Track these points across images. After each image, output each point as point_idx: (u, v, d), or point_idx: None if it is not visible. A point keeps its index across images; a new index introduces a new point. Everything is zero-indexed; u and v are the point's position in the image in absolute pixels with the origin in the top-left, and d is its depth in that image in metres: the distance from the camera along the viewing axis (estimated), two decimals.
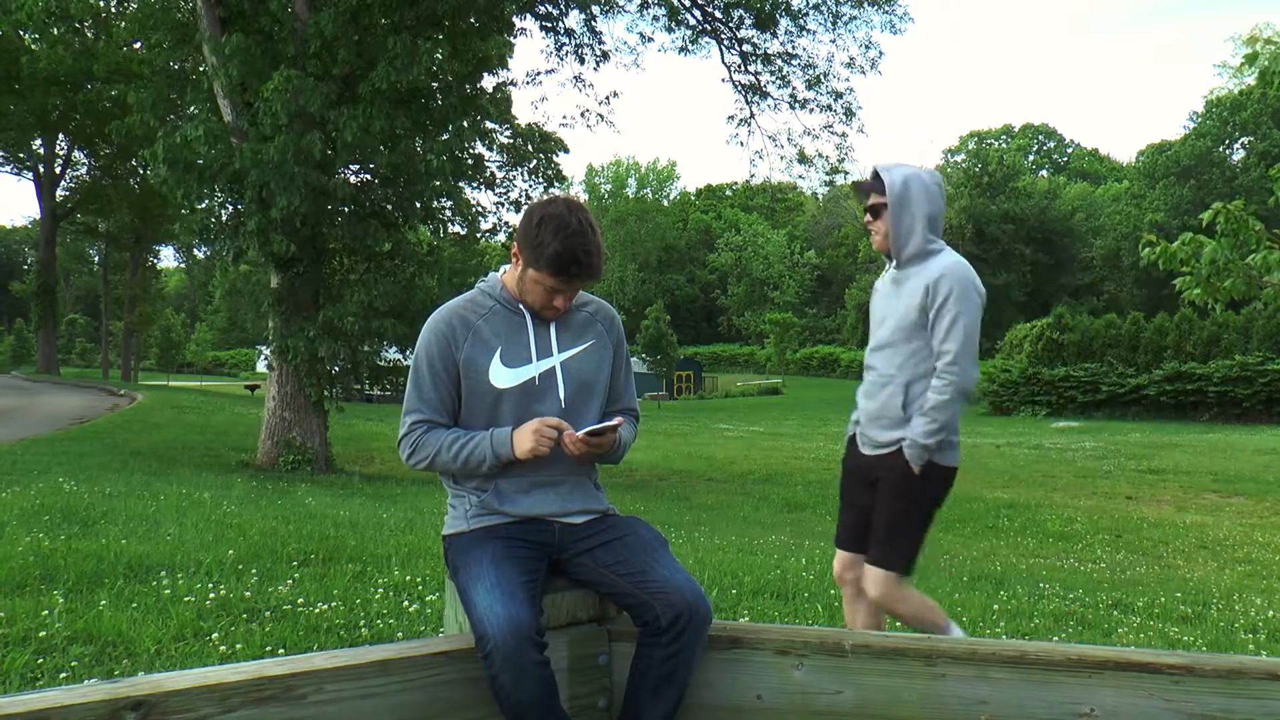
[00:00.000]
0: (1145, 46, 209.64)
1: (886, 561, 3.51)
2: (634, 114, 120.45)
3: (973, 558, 9.45)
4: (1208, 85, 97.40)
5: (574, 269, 2.51)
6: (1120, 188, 73.35)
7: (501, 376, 2.63)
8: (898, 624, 3.93)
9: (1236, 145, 61.06)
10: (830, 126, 21.36)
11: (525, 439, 2.52)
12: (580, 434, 2.56)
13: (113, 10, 23.34)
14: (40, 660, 3.69)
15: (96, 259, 67.63)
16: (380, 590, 5.06)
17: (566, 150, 26.53)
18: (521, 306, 2.67)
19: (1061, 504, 14.18)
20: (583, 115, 21.07)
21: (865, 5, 20.27)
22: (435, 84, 14.45)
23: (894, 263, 3.62)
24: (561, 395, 2.66)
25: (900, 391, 3.49)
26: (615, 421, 2.60)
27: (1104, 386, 37.97)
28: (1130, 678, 2.24)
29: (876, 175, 3.62)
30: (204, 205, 14.29)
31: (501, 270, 2.75)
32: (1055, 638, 5.21)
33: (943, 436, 3.42)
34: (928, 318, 3.44)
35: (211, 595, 4.68)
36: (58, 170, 45.17)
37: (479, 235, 23.72)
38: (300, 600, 4.73)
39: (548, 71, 20.45)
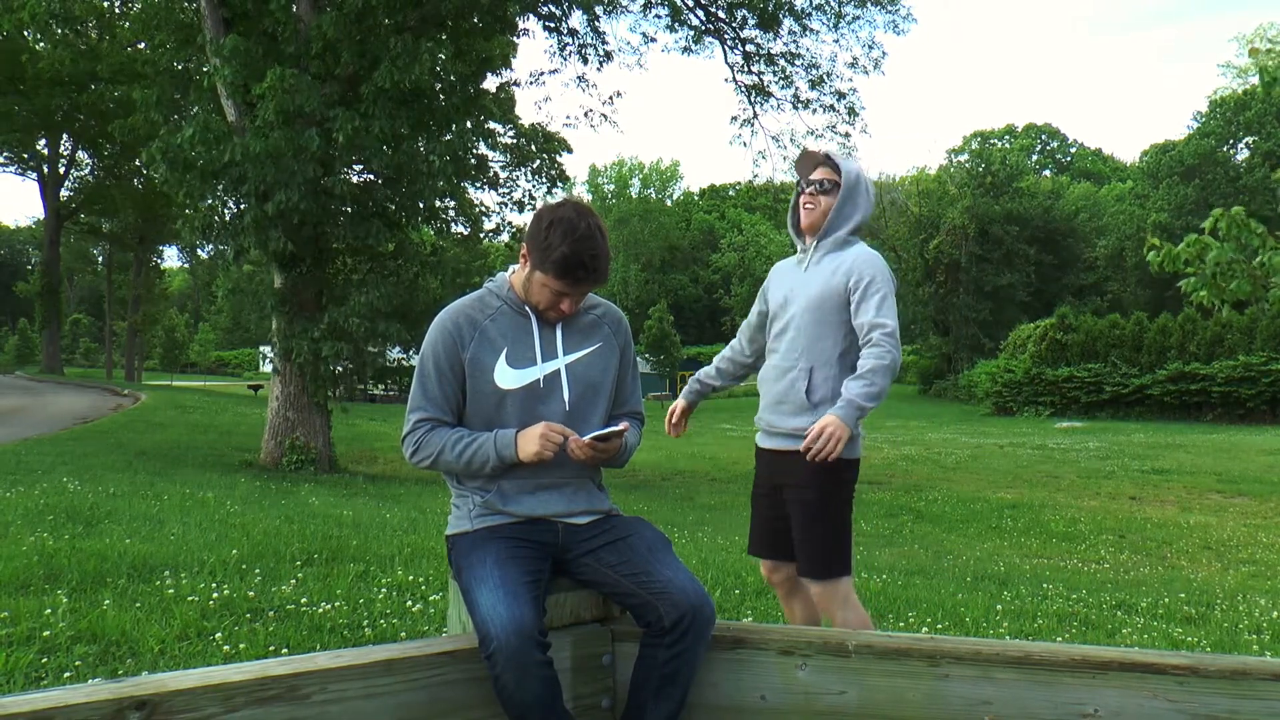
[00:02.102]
0: (1149, 46, 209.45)
1: (827, 573, 3.37)
2: (637, 114, 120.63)
3: (976, 558, 9.45)
4: (1211, 85, 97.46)
5: (580, 273, 2.52)
6: (1124, 188, 73.22)
7: (507, 377, 2.63)
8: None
9: (1240, 145, 60.90)
10: (834, 127, 21.38)
11: (530, 443, 2.52)
12: (586, 439, 2.56)
13: (116, 11, 23.32)
14: (44, 660, 3.70)
15: (100, 259, 67.59)
16: (384, 590, 5.06)
17: (570, 150, 26.54)
18: (528, 308, 2.67)
19: (1065, 504, 14.17)
20: (586, 115, 21.11)
21: (868, 5, 20.28)
22: (438, 84, 14.46)
23: (808, 246, 3.56)
24: (566, 398, 2.66)
25: (804, 378, 3.39)
26: (621, 427, 2.61)
27: (1108, 387, 37.91)
28: (1134, 678, 2.24)
29: (832, 157, 3.59)
30: (207, 204, 14.30)
31: (510, 270, 2.75)
32: (1059, 638, 5.20)
33: (877, 404, 3.27)
34: (846, 300, 3.38)
35: (215, 595, 4.69)
36: (62, 170, 45.22)
37: (482, 235, 23.77)
38: (304, 600, 4.73)
39: (551, 71, 20.48)
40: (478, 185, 22.77)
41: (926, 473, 18.59)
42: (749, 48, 20.95)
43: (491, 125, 23.65)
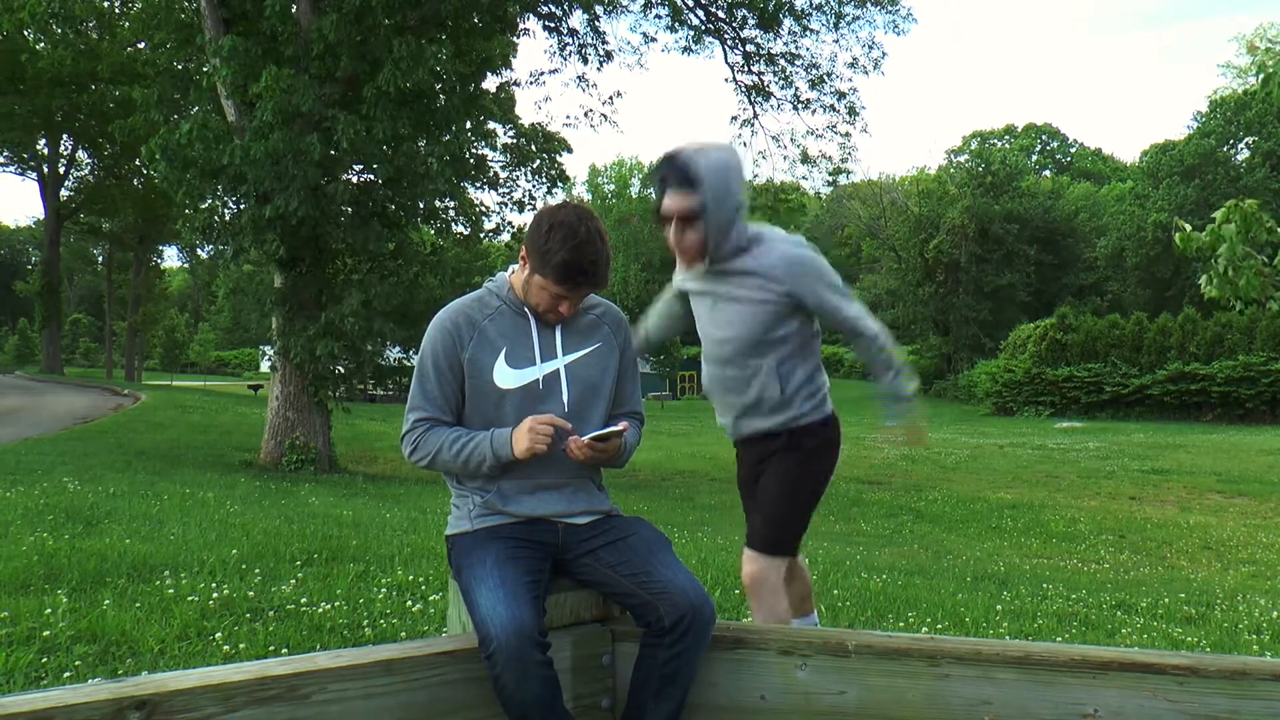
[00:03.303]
0: (1149, 46, 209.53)
1: (775, 546, 3.21)
2: (637, 114, 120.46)
3: (976, 558, 9.45)
4: (1212, 85, 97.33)
5: (580, 278, 2.52)
6: (1124, 188, 73.17)
7: (506, 377, 2.63)
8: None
9: (1241, 145, 60.92)
10: (834, 127, 21.39)
11: (522, 438, 2.52)
12: (586, 439, 2.56)
13: (116, 10, 23.33)
14: (44, 660, 3.70)
15: (100, 259, 67.60)
16: (383, 590, 5.06)
17: (570, 150, 26.53)
18: (526, 310, 2.67)
19: (1065, 504, 14.17)
20: (586, 115, 21.09)
21: (868, 6, 20.28)
22: (438, 85, 14.46)
23: (704, 269, 3.22)
24: (565, 398, 2.66)
25: (773, 378, 3.18)
26: (620, 427, 2.61)
27: (1107, 387, 37.93)
28: (1134, 678, 2.24)
29: (677, 168, 3.08)
30: (206, 204, 14.31)
31: (510, 270, 2.74)
32: (1059, 638, 5.20)
33: (905, 369, 3.20)
34: (785, 311, 3.15)
35: (215, 595, 4.68)
36: (62, 170, 45.23)
37: (482, 235, 23.77)
38: (303, 600, 4.73)
39: (551, 71, 20.49)
40: (478, 185, 22.79)
41: (926, 473, 18.59)
42: (749, 48, 20.95)
43: (491, 125, 23.66)
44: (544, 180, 26.23)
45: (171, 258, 74.16)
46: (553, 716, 2.27)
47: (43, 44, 25.74)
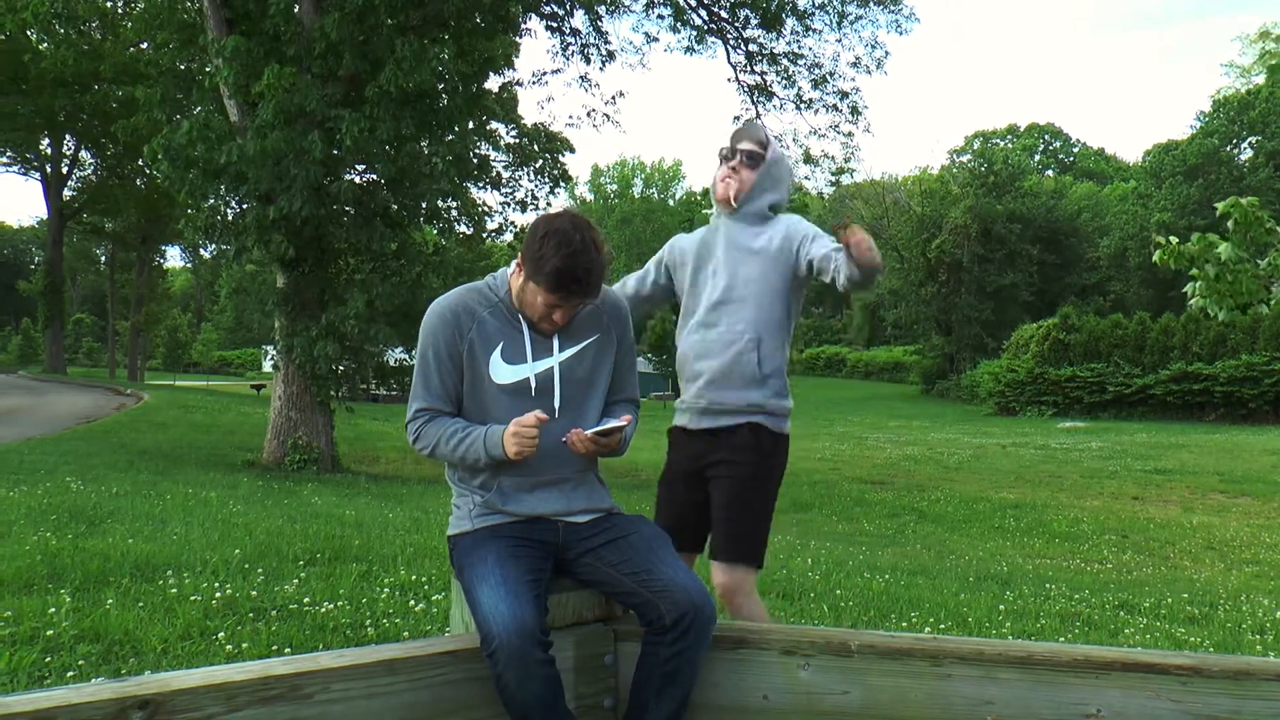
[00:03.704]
0: (1151, 46, 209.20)
1: (744, 556, 3.23)
2: (640, 114, 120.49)
3: (979, 558, 9.45)
4: (1215, 85, 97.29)
5: (573, 285, 2.50)
6: (1127, 187, 73.09)
7: (501, 372, 2.63)
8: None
9: (1244, 145, 60.83)
10: (836, 126, 21.39)
11: (509, 444, 2.51)
12: (589, 433, 2.56)
13: (119, 11, 23.36)
14: (48, 659, 3.70)
15: (103, 259, 67.62)
16: (386, 590, 5.07)
17: (572, 150, 26.52)
18: (520, 317, 2.66)
19: (1068, 504, 14.17)
20: (589, 115, 21.12)
21: (871, 5, 20.28)
22: (441, 85, 14.46)
23: (726, 215, 3.43)
24: (556, 398, 2.65)
25: (753, 348, 3.24)
26: (623, 420, 2.60)
27: (1110, 387, 37.90)
28: (1137, 678, 2.23)
29: (755, 128, 3.55)
30: (209, 204, 14.33)
31: (511, 267, 2.74)
32: (1061, 638, 5.20)
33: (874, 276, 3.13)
34: (794, 261, 3.28)
35: (218, 594, 4.69)
36: (65, 170, 45.27)
37: (485, 235, 23.78)
38: (306, 599, 4.73)
39: (553, 71, 20.52)
40: (480, 185, 22.78)
41: (929, 473, 18.59)
42: (752, 47, 20.95)
43: (494, 125, 23.68)
44: (546, 180, 26.23)
45: (174, 257, 74.33)
46: (555, 716, 2.27)
47: (46, 44, 25.74)
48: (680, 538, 3.27)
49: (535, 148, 25.98)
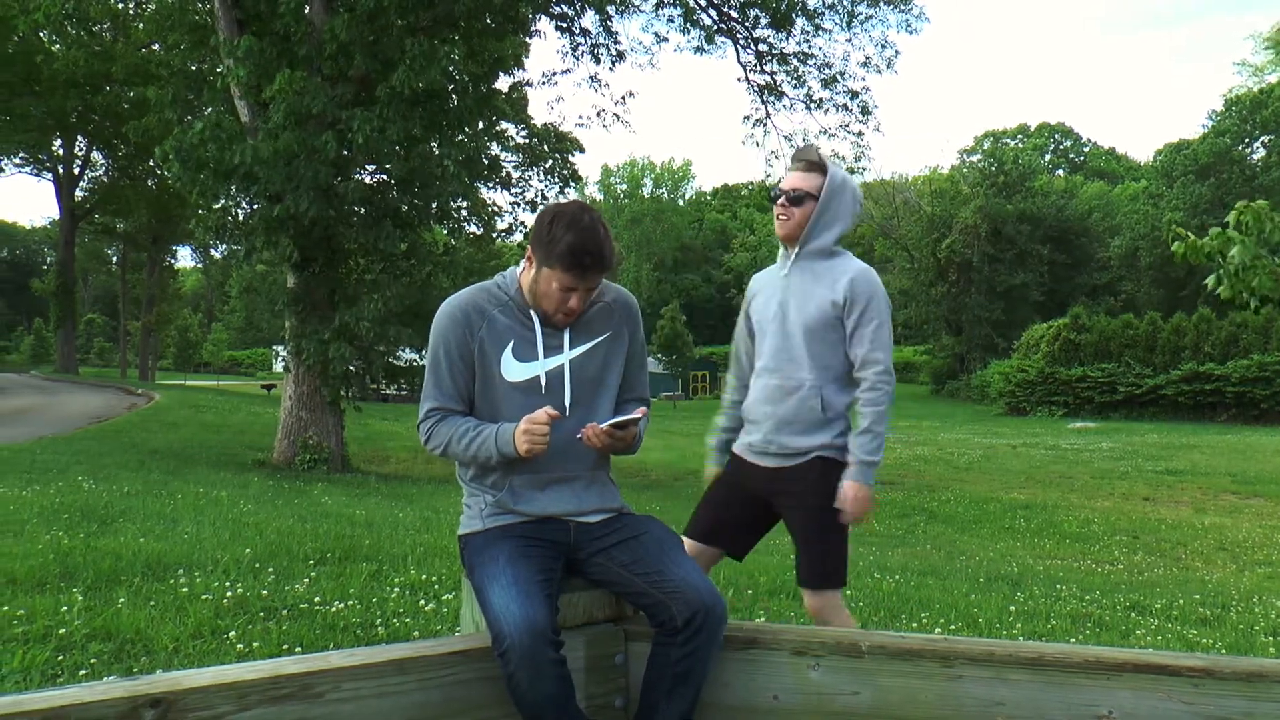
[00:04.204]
0: (1162, 45, 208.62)
1: (828, 581, 3.32)
2: (650, 114, 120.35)
3: (989, 559, 9.43)
4: (1227, 83, 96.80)
5: (587, 259, 2.50)
6: (1137, 187, 72.86)
7: (512, 370, 2.63)
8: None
9: (1257, 144, 60.57)
10: (847, 126, 21.35)
11: (520, 441, 2.51)
12: (604, 426, 2.56)
13: (130, 12, 23.45)
14: (60, 657, 3.72)
15: (114, 259, 67.92)
16: (396, 589, 5.08)
17: (582, 150, 26.50)
18: (532, 314, 2.67)
19: (1078, 505, 14.12)
20: (598, 115, 21.11)
21: (881, 4, 20.24)
22: (451, 85, 14.48)
23: (792, 256, 3.40)
24: (567, 395, 2.65)
25: (815, 395, 3.28)
26: (638, 414, 2.60)
27: (1121, 387, 37.80)
28: (1148, 680, 2.23)
29: (809, 154, 3.44)
30: (219, 204, 14.38)
31: (520, 266, 2.74)
32: (1072, 639, 5.19)
33: (883, 451, 3.29)
34: (842, 320, 3.29)
35: (229, 594, 4.70)
36: (76, 171, 45.49)
37: (495, 235, 23.77)
38: (317, 599, 4.74)
39: (563, 72, 20.50)
40: (490, 185, 22.81)
41: (939, 473, 18.55)
42: (761, 47, 20.93)
43: (504, 125, 23.68)
44: (556, 180, 26.23)
45: (185, 258, 74.46)
46: (566, 716, 2.27)
47: (58, 45, 25.86)
48: (715, 539, 3.49)
49: (545, 148, 25.97)
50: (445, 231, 16.75)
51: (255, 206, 13.56)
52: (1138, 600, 6.66)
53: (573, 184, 27.14)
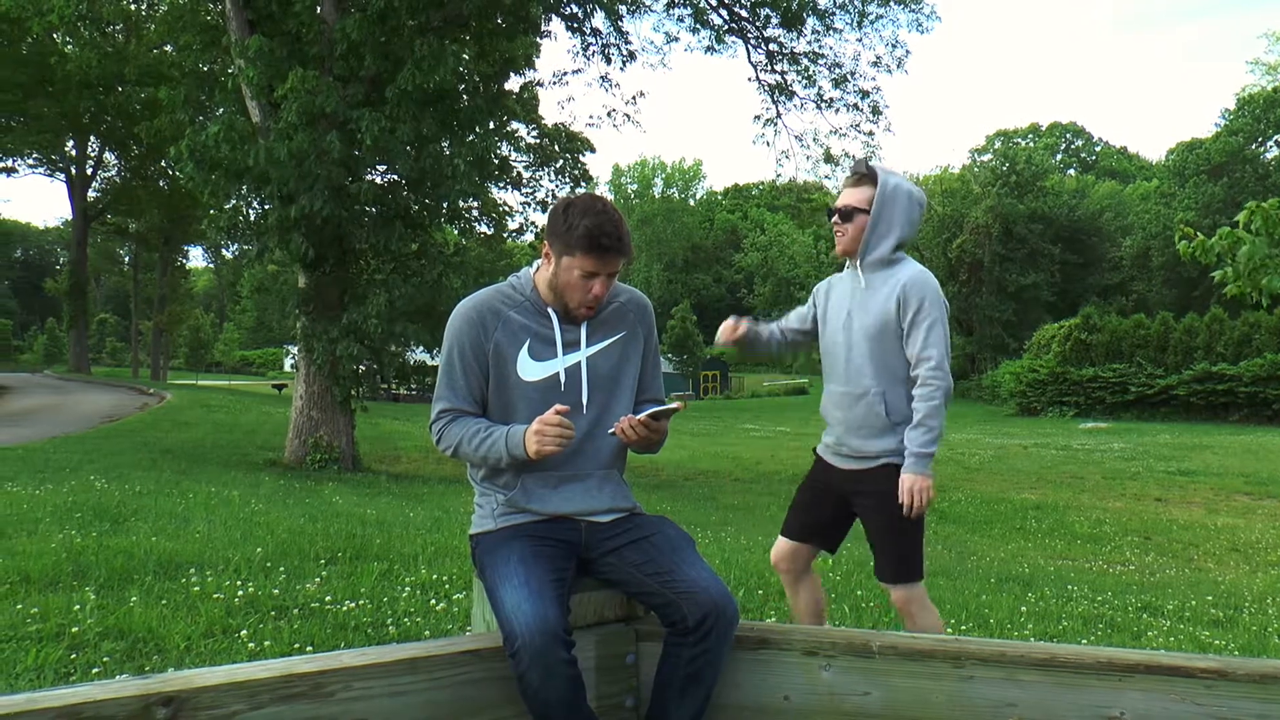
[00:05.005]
0: (1174, 44, 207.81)
1: (908, 576, 3.50)
2: (660, 113, 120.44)
3: (1000, 559, 9.40)
4: (1240, 82, 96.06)
5: (607, 241, 2.52)
6: (1149, 186, 72.57)
7: (529, 369, 2.64)
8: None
9: (1270, 143, 60.28)
10: (857, 125, 21.30)
11: (530, 441, 2.51)
12: (640, 417, 2.56)
13: (143, 13, 23.55)
14: (73, 656, 3.74)
15: (126, 259, 68.18)
16: (407, 589, 5.08)
17: (593, 150, 26.51)
18: (549, 309, 2.67)
19: (1090, 506, 14.08)
20: (609, 115, 21.14)
21: (892, 4, 20.19)
22: (462, 85, 14.49)
23: (857, 269, 3.55)
24: (585, 391, 2.66)
25: (879, 401, 3.43)
26: (676, 405, 2.61)
27: (1133, 387, 37.63)
28: (1161, 681, 2.22)
29: (862, 167, 3.56)
30: (231, 204, 14.43)
31: (534, 267, 2.75)
32: (1084, 640, 5.17)
33: (939, 443, 3.39)
34: (899, 324, 3.40)
35: (240, 592, 4.72)
36: (89, 172, 45.67)
37: (505, 235, 23.80)
38: (328, 598, 4.76)
39: (574, 71, 20.54)
40: (501, 185, 22.82)
41: (950, 473, 18.50)
42: (772, 47, 20.91)
43: (515, 125, 23.71)
44: (567, 180, 26.25)
45: (197, 258, 74.75)
46: (577, 715, 2.27)
47: (71, 46, 25.98)
48: (808, 538, 3.71)
49: (556, 148, 26.00)
50: (456, 232, 16.77)
51: (267, 207, 13.60)
52: (1150, 601, 6.64)
53: (583, 184, 27.15)
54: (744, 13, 20.61)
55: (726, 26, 20.84)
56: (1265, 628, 5.91)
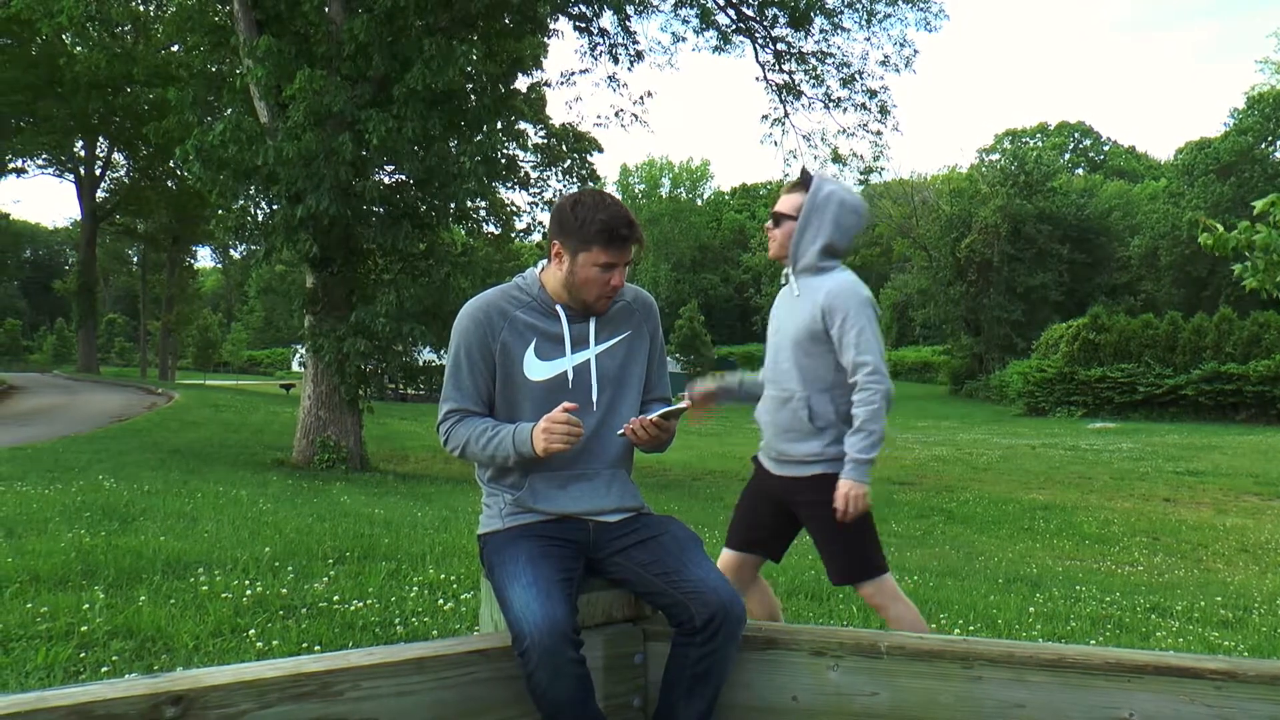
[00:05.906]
0: (1183, 44, 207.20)
1: (865, 574, 3.47)
2: (668, 113, 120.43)
3: (1008, 559, 9.38)
4: (1249, 81, 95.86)
5: (624, 231, 2.53)
6: (1158, 186, 72.27)
7: (536, 369, 2.63)
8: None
9: (1279, 142, 60.06)
10: (865, 125, 21.26)
11: (538, 439, 2.51)
12: (652, 417, 2.56)
13: (151, 14, 23.61)
14: (83, 654, 3.75)
15: (135, 259, 68.36)
16: (415, 588, 5.09)
17: (600, 150, 26.54)
18: (558, 308, 2.67)
19: (1098, 506, 14.04)
20: (617, 115, 21.10)
21: (900, 3, 20.15)
22: (469, 85, 14.50)
23: (790, 275, 3.58)
24: (594, 389, 2.66)
25: (803, 406, 3.43)
26: (684, 405, 2.61)
27: (1141, 387, 37.54)
28: (1170, 682, 2.21)
29: (800, 176, 3.59)
30: (239, 204, 14.46)
31: (540, 266, 2.75)
32: (1093, 641, 5.16)
33: (879, 448, 3.36)
34: (826, 334, 3.40)
35: (248, 592, 4.73)
36: (98, 172, 45.78)
37: (513, 235, 23.84)
38: (336, 598, 4.76)
39: (582, 71, 20.51)
40: (509, 185, 22.84)
41: (958, 473, 18.48)
42: (780, 46, 20.88)
43: (522, 125, 23.73)
44: (575, 180, 26.27)
45: (205, 258, 74.92)
46: (585, 715, 2.27)
47: (79, 48, 26.03)
48: (751, 547, 3.70)
49: (563, 148, 26.02)
50: (463, 232, 16.79)
51: (275, 207, 13.62)
52: (1158, 602, 6.62)
53: (591, 184, 27.17)
54: (751, 12, 20.59)
55: (734, 26, 20.83)
56: (1275, 629, 5.89)
